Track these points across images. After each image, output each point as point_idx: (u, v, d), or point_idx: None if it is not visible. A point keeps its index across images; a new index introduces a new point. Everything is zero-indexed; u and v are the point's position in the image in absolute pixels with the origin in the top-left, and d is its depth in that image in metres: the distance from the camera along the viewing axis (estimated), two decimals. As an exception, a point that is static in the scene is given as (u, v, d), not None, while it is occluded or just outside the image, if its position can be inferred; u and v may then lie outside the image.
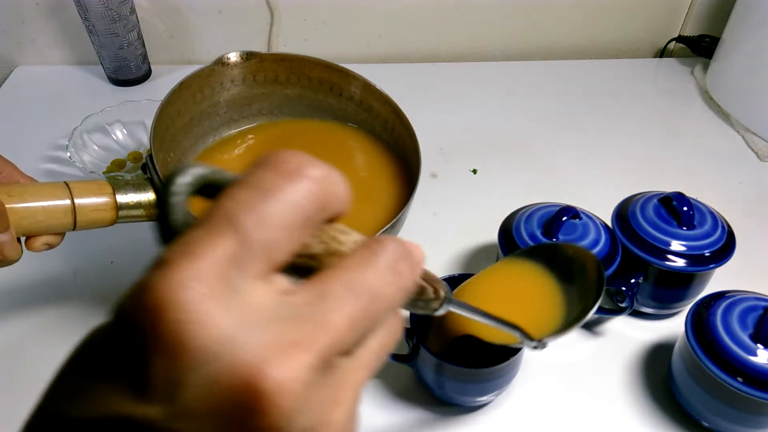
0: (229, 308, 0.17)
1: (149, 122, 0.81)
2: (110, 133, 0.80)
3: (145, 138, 0.81)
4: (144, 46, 0.93)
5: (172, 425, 0.17)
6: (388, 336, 0.21)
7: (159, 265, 0.17)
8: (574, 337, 0.62)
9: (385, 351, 0.21)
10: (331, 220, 0.21)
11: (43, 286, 0.64)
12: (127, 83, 0.94)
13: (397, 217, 0.53)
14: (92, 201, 0.46)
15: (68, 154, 0.73)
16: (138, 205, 0.49)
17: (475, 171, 0.81)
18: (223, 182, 0.20)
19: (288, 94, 0.66)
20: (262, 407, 0.16)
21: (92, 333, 0.19)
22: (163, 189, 0.20)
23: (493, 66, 1.03)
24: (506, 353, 0.51)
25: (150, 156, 0.51)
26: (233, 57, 0.62)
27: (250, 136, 0.67)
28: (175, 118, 0.60)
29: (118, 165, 0.77)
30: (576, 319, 0.44)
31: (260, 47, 1.00)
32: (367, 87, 0.64)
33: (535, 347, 0.43)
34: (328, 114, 0.67)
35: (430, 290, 0.27)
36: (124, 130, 0.81)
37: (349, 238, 0.22)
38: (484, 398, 0.54)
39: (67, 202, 0.45)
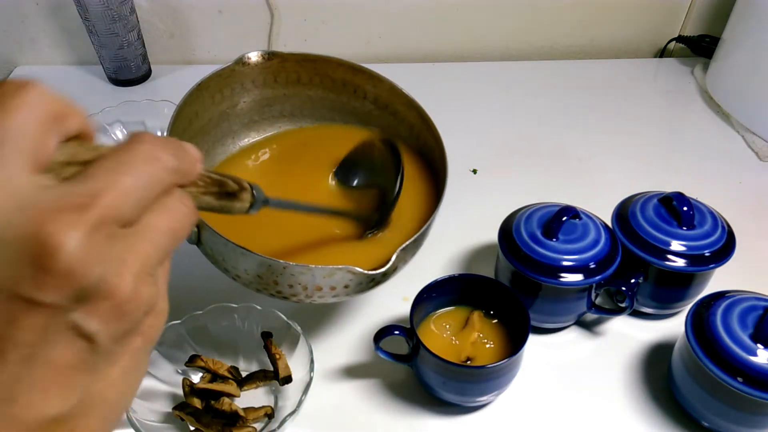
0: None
1: (149, 122, 0.82)
2: (110, 133, 0.80)
3: (145, 138, 0.81)
4: (144, 46, 0.93)
5: None
6: (169, 216, 0.23)
7: None
8: (575, 337, 0.62)
9: (170, 230, 0.23)
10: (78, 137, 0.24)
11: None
12: (127, 83, 0.94)
13: (424, 228, 0.51)
14: None
15: (68, 154, 0.73)
16: None
17: (475, 171, 0.81)
18: None
19: (310, 95, 0.64)
20: (46, 260, 0.19)
21: None
22: None
23: (493, 66, 1.03)
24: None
25: None
26: (254, 57, 0.59)
27: (274, 146, 0.65)
28: (193, 120, 0.58)
29: (118, 165, 0.77)
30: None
31: (260, 47, 1.00)
32: (393, 90, 0.61)
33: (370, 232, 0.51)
34: (351, 117, 0.65)
35: (231, 183, 0.29)
36: (124, 130, 0.81)
37: (100, 147, 0.24)
38: (484, 398, 0.54)
39: None
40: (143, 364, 0.24)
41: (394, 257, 0.48)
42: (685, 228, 0.59)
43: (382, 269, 0.47)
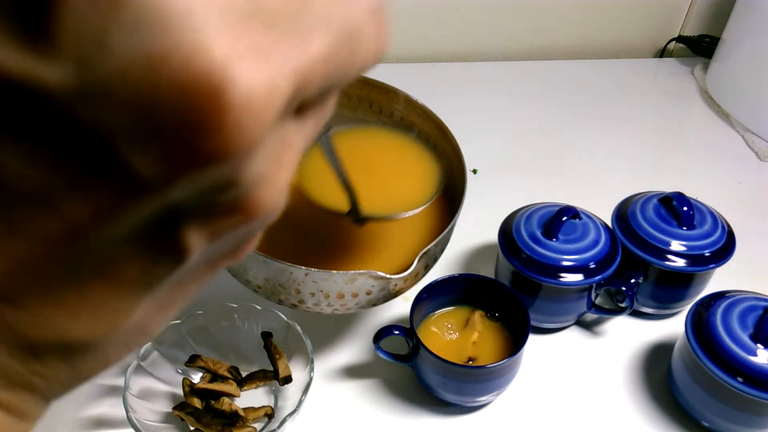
0: None
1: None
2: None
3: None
4: (144, 46, 0.93)
5: (76, 101, 0.11)
6: (325, 114, 0.16)
7: None
8: (575, 336, 0.62)
9: (317, 131, 0.16)
10: None
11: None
12: (127, 83, 0.94)
13: (445, 232, 0.50)
14: None
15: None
16: None
17: (475, 171, 0.81)
18: None
19: None
20: (216, 117, 0.11)
21: None
22: None
23: (493, 66, 1.03)
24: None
25: None
26: None
27: None
28: None
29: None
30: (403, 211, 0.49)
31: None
32: (408, 102, 0.61)
33: (355, 221, 0.48)
34: None
35: None
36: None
37: None
38: (484, 398, 0.54)
39: None
40: (201, 289, 0.17)
41: (416, 262, 0.48)
42: (685, 228, 0.59)
43: (404, 273, 0.47)
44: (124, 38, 0.11)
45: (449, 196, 0.60)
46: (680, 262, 0.58)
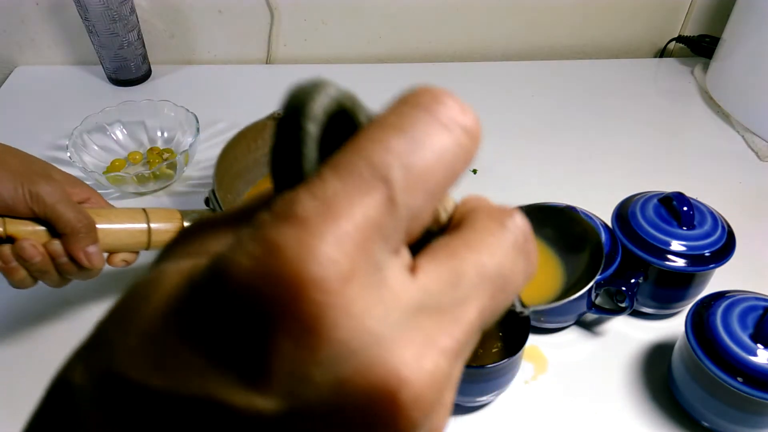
0: (372, 293, 0.14)
1: (149, 122, 0.82)
2: (110, 133, 0.80)
3: (145, 138, 0.81)
4: (144, 46, 0.93)
5: (283, 425, 0.14)
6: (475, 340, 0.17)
7: (288, 219, 0.13)
8: (575, 337, 0.62)
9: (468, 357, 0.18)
10: None
11: (41, 285, 0.64)
12: (127, 83, 0.94)
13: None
14: (164, 226, 0.55)
15: (68, 154, 0.73)
16: None
17: (475, 171, 0.81)
18: (355, 113, 0.16)
19: None
20: (393, 419, 0.14)
21: (160, 281, 0.15)
22: (292, 111, 0.15)
23: (493, 66, 1.03)
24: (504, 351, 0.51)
25: (213, 191, 0.59)
26: None
27: None
28: (233, 163, 0.67)
29: (117, 165, 0.77)
30: (563, 296, 0.47)
31: (260, 47, 1.00)
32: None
33: (521, 312, 0.48)
34: None
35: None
36: (124, 130, 0.81)
37: (449, 201, 0.19)
38: (484, 398, 0.54)
39: (144, 225, 0.54)
40: None
41: None
42: (685, 228, 0.59)
43: None
44: (321, 371, 0.13)
45: None
46: (680, 262, 0.58)
